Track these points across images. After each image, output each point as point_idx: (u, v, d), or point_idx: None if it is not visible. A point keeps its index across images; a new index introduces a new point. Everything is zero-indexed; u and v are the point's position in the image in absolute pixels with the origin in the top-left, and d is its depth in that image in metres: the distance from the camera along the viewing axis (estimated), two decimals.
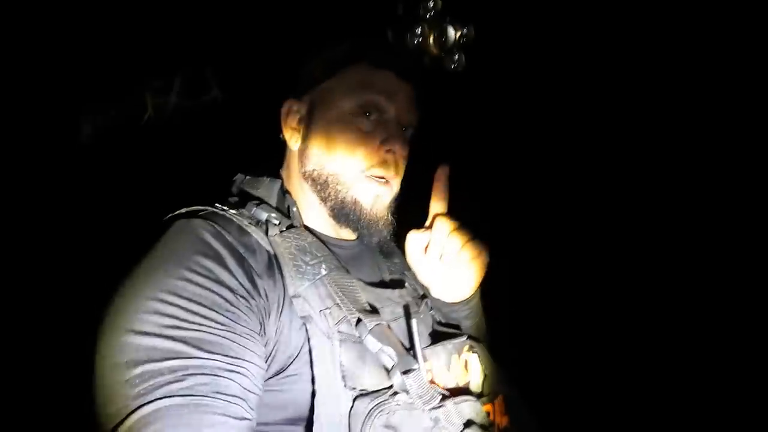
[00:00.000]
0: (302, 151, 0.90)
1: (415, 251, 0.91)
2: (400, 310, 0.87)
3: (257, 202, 0.85)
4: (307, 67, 0.90)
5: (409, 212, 0.97)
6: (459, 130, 1.81)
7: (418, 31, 0.84)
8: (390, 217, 0.91)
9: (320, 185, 0.87)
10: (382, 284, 0.94)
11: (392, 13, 0.87)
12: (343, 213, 0.87)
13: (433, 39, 0.85)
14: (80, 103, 1.63)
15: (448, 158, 0.94)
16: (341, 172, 0.86)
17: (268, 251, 0.78)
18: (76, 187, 1.58)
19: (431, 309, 0.99)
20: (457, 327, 1.01)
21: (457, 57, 0.85)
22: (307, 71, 0.90)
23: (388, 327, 0.78)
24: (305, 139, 0.89)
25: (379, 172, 0.87)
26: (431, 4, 0.84)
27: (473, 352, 0.91)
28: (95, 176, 1.60)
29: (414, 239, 0.91)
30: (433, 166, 0.93)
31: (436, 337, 0.90)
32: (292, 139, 0.91)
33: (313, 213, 0.91)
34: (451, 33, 0.84)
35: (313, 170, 0.88)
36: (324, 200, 0.88)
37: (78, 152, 1.62)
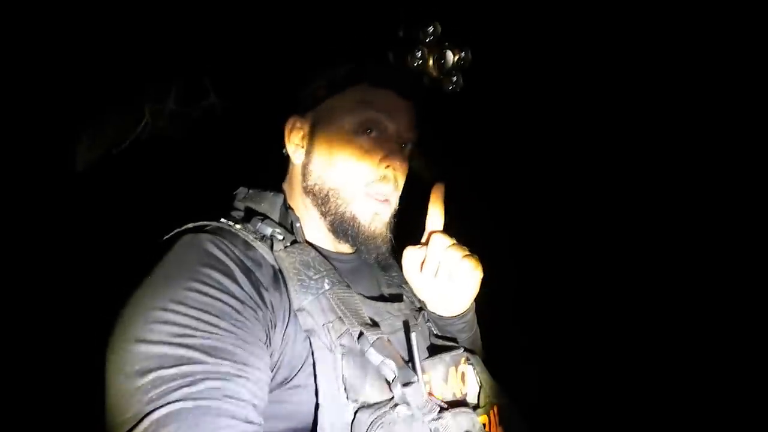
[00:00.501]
0: (305, 166, 0.92)
1: (412, 267, 0.93)
2: (399, 324, 0.89)
3: (261, 217, 0.86)
4: (310, 85, 0.92)
5: (406, 226, 0.99)
6: (457, 142, 1.83)
7: (419, 54, 0.87)
8: (388, 234, 0.93)
9: (321, 200, 0.89)
10: (381, 298, 0.96)
11: (393, 35, 0.89)
12: (342, 228, 0.89)
13: (433, 61, 0.87)
14: (78, 116, 1.63)
15: (444, 174, 0.97)
16: (341, 188, 0.88)
17: (273, 266, 0.79)
18: (83, 198, 1.58)
19: (428, 321, 1.01)
20: (453, 339, 1.02)
21: (455, 79, 0.88)
22: (310, 90, 0.92)
23: (388, 340, 0.79)
24: (308, 154, 0.91)
25: (379, 188, 0.89)
26: (431, 29, 0.86)
27: (469, 364, 0.93)
28: (99, 187, 1.60)
29: (410, 255, 0.93)
30: (430, 181, 0.96)
31: (434, 350, 0.92)
32: (296, 154, 0.93)
33: (314, 227, 0.92)
34: (450, 56, 0.87)
35: (314, 185, 0.90)
36: (324, 215, 0.90)
37: (79, 161, 1.62)
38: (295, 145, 0.93)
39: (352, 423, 0.70)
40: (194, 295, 0.66)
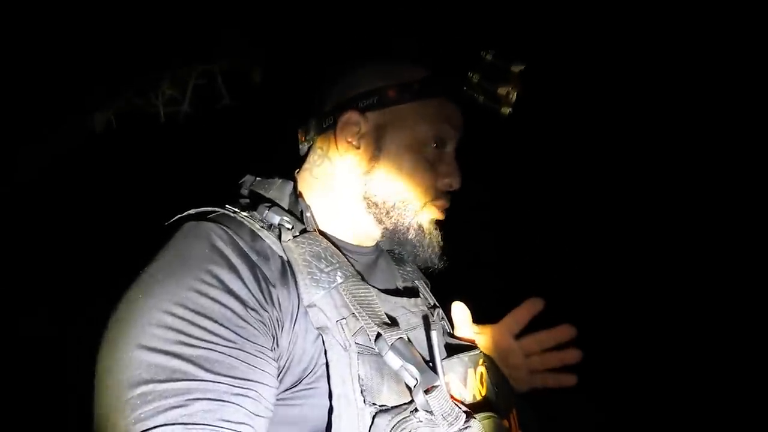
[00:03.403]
0: (366, 171, 0.82)
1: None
2: (416, 320, 0.81)
3: (269, 204, 0.78)
4: (373, 81, 0.82)
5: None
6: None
7: (509, 87, 0.84)
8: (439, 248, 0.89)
9: (386, 210, 0.82)
10: (397, 292, 0.88)
11: (478, 55, 0.85)
12: (398, 236, 0.83)
13: (508, 92, 0.84)
14: (92, 100, 1.58)
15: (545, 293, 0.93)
16: (409, 200, 0.82)
17: (281, 257, 0.71)
18: (81, 188, 1.53)
19: (442, 319, 0.93)
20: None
21: (511, 109, 0.85)
22: (374, 87, 0.82)
23: (408, 340, 0.71)
24: (371, 159, 0.82)
25: (443, 202, 0.85)
26: (521, 65, 0.84)
27: (485, 366, 0.85)
28: (103, 176, 1.55)
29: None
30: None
31: (450, 349, 0.84)
32: (348, 153, 0.82)
33: (334, 218, 0.84)
34: (520, 89, 0.85)
35: (378, 194, 0.82)
36: (380, 221, 0.83)
37: (85, 152, 1.57)
38: (346, 142, 0.82)
39: (369, 429, 0.62)
40: (195, 296, 0.59)
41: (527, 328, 0.94)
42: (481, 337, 0.92)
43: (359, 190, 0.82)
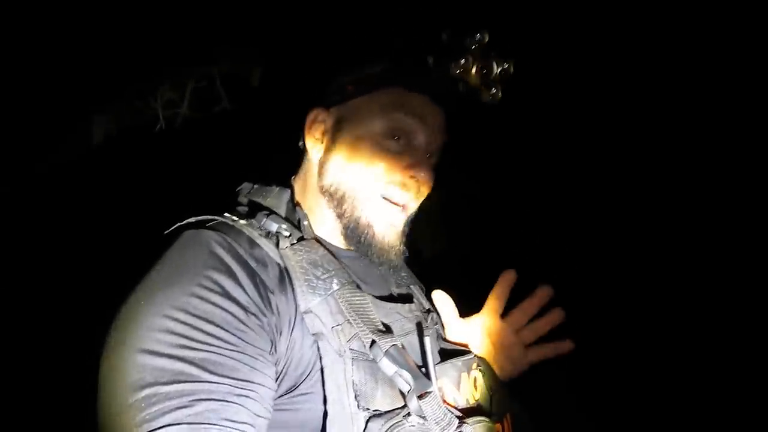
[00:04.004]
0: (322, 164, 0.83)
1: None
2: (410, 326, 0.82)
3: (267, 212, 0.79)
4: (339, 78, 0.84)
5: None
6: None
7: (463, 61, 0.78)
8: (402, 247, 0.86)
9: (337, 200, 0.82)
10: (391, 298, 0.89)
11: (435, 39, 0.81)
12: (355, 235, 0.82)
13: (476, 71, 0.79)
14: (91, 108, 1.58)
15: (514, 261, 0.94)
16: (359, 189, 0.81)
17: (278, 264, 0.72)
18: (79, 193, 1.53)
19: (436, 323, 0.94)
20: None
21: (494, 91, 0.80)
22: (339, 83, 0.83)
23: (402, 346, 0.72)
24: (327, 151, 0.83)
25: (397, 193, 0.82)
26: (478, 37, 0.78)
27: (479, 370, 0.86)
28: (101, 180, 1.55)
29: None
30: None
31: (444, 354, 0.85)
32: (314, 149, 0.84)
33: (326, 224, 0.85)
34: (495, 67, 0.79)
35: (331, 185, 0.82)
36: (339, 216, 0.82)
37: (83, 156, 1.57)
38: (314, 139, 0.84)
39: None
40: (196, 301, 0.59)
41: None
42: (471, 326, 0.92)
43: (318, 182, 0.83)
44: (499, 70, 0.79)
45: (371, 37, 0.86)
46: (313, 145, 0.84)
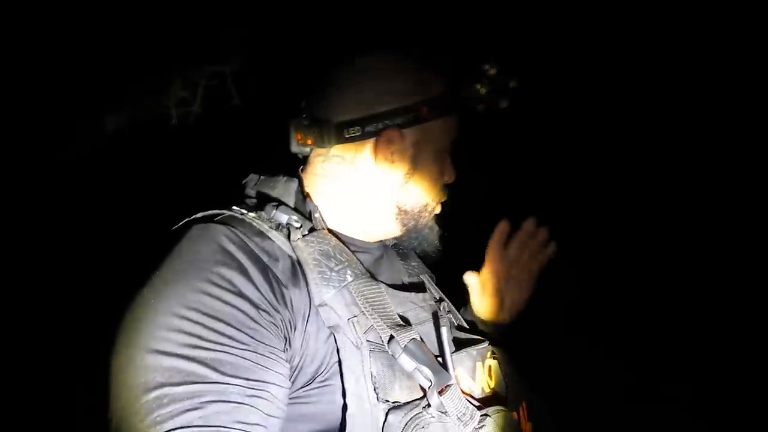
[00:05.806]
0: (402, 185, 0.81)
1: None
2: (425, 315, 0.80)
3: (276, 203, 0.76)
4: (405, 97, 0.79)
5: None
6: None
7: (485, 85, 0.85)
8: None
9: (413, 216, 0.84)
10: (403, 287, 0.87)
11: (477, 65, 0.86)
12: (414, 235, 0.88)
13: (492, 89, 0.86)
14: (103, 103, 1.58)
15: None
16: (431, 203, 0.86)
17: (290, 257, 0.70)
18: (91, 190, 1.53)
19: (449, 312, 0.92)
20: (472, 324, 0.96)
21: (506, 104, 0.86)
22: (411, 105, 0.79)
23: (421, 339, 0.70)
24: (408, 174, 0.81)
25: (443, 198, 0.90)
26: (488, 68, 0.84)
27: (494, 358, 0.84)
28: (114, 177, 1.54)
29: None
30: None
31: (459, 344, 0.83)
32: (383, 165, 0.80)
33: (344, 217, 0.82)
34: (510, 83, 0.85)
35: (407, 203, 0.83)
36: (404, 224, 0.84)
37: (96, 154, 1.57)
38: (384, 157, 0.80)
39: (383, 425, 0.61)
40: (207, 299, 0.58)
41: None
42: (482, 279, 0.99)
43: (392, 199, 0.82)
44: (512, 85, 0.85)
45: (418, 49, 0.86)
46: (383, 161, 0.80)
